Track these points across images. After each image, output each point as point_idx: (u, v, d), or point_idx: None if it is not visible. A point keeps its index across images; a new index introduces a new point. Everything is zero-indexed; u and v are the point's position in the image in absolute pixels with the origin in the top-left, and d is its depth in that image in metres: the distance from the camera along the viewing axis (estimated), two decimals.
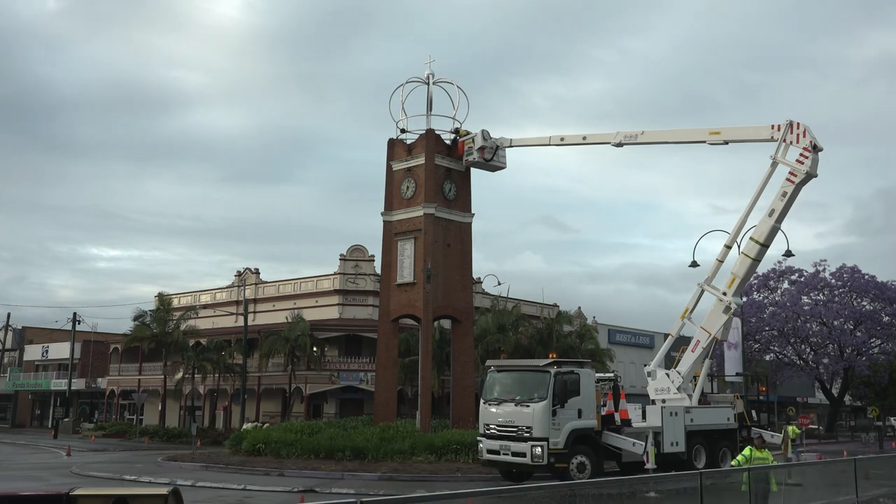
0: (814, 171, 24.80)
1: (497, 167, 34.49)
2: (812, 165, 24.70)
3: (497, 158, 33.97)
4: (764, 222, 25.87)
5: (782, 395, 67.85)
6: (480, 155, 33.49)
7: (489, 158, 33.62)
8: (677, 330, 28.45)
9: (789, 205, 25.42)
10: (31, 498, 6.73)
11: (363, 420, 36.08)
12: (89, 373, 68.78)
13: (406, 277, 33.57)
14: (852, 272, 57.17)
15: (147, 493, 6.66)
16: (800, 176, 24.87)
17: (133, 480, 24.59)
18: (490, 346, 46.18)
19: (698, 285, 27.75)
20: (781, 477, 15.50)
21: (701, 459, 25.59)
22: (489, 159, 33.64)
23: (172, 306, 56.02)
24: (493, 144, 33.66)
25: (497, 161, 34.03)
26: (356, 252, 55.53)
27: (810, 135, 24.84)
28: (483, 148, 33.43)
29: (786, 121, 25.62)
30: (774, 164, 25.84)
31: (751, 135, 27.05)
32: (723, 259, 27.40)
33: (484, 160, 33.64)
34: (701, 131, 28.45)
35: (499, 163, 34.17)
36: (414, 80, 35.70)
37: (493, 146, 33.63)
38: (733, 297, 26.54)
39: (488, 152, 33.51)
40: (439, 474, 24.67)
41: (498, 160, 34.04)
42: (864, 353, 57.53)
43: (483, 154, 33.47)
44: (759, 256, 26.31)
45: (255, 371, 51.98)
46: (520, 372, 24.44)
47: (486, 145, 33.47)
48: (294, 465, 27.25)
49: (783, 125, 25.59)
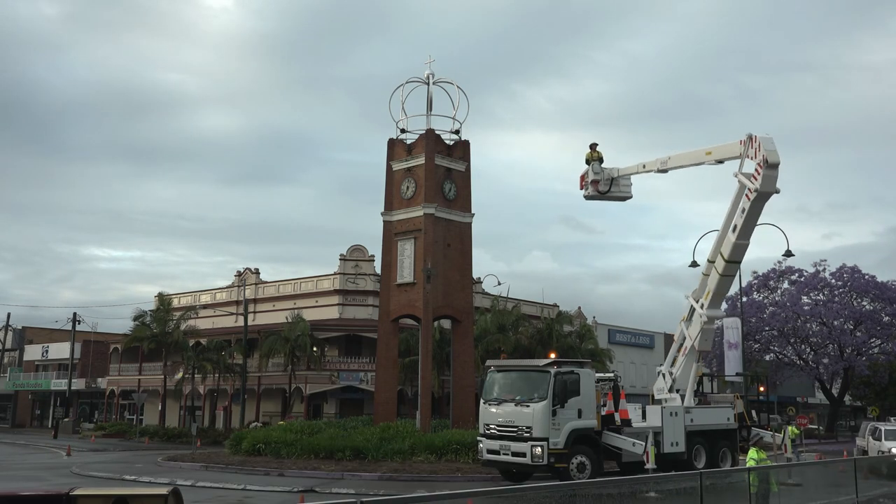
0: (766, 188, 23.45)
1: (621, 197, 31.45)
2: (764, 182, 23.30)
3: (617, 189, 30.96)
4: (727, 239, 25.21)
5: (782, 395, 67.82)
6: (594, 188, 30.83)
7: (605, 191, 30.88)
8: (678, 335, 28.50)
9: (751, 221, 24.43)
10: (31, 498, 6.73)
11: (363, 420, 36.09)
12: (89, 373, 68.77)
13: (406, 277, 33.56)
14: (852, 272, 57.14)
15: (147, 493, 6.66)
16: (752, 193, 23.78)
17: (133, 480, 24.59)
18: (490, 346, 46.17)
19: (685, 297, 27.82)
20: (782, 477, 15.53)
21: (701, 459, 25.57)
22: (605, 192, 30.91)
23: (172, 306, 56.05)
24: (608, 176, 30.71)
25: (619, 192, 31.05)
26: (356, 252, 55.53)
27: (765, 149, 23.38)
28: (596, 181, 30.79)
29: (746, 135, 24.43)
30: (738, 180, 24.91)
31: (727, 152, 26.09)
32: (708, 272, 26.89)
33: (599, 192, 30.99)
34: (700, 153, 27.72)
35: (622, 193, 31.18)
36: (414, 80, 35.70)
37: (607, 178, 30.70)
38: (708, 311, 26.34)
39: (603, 185, 30.76)
40: (439, 474, 24.67)
41: (619, 191, 31.04)
42: (864, 353, 57.49)
43: (598, 187, 30.82)
44: (727, 272, 25.69)
45: (255, 371, 51.97)
46: (520, 372, 24.41)
47: (598, 178, 30.72)
48: (294, 465, 27.25)
49: (745, 139, 24.44)
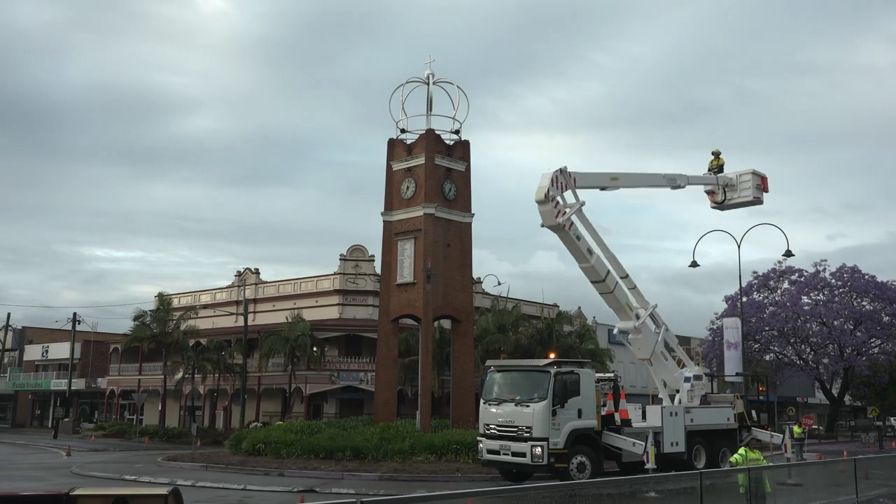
0: (543, 222, 23.44)
1: (746, 203, 29.77)
2: (541, 216, 23.36)
3: (734, 196, 29.45)
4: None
5: (782, 395, 67.76)
6: (713, 199, 29.79)
7: (721, 201, 29.61)
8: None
9: (570, 248, 24.44)
10: (31, 498, 6.72)
11: (363, 420, 36.05)
12: (89, 373, 68.75)
13: (406, 277, 33.54)
14: (852, 272, 57.12)
15: (147, 493, 6.65)
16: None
17: (133, 480, 24.58)
18: (490, 346, 46.15)
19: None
20: (782, 477, 15.51)
21: (701, 459, 25.60)
22: (721, 202, 29.63)
23: (172, 306, 56.04)
24: (721, 184, 29.44)
25: (738, 198, 29.47)
26: (356, 252, 55.50)
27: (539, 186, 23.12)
28: (711, 192, 29.76)
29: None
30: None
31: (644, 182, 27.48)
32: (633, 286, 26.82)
33: (717, 203, 29.77)
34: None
35: (742, 198, 29.48)
36: (414, 80, 35.66)
37: (720, 188, 29.50)
38: (619, 325, 26.51)
39: (719, 195, 29.56)
40: (439, 474, 24.65)
41: (739, 197, 29.44)
42: (864, 353, 57.45)
43: (714, 198, 29.71)
44: (602, 291, 25.66)
45: (255, 371, 51.95)
46: (520, 372, 24.41)
47: (712, 189, 29.68)
48: (294, 465, 27.23)
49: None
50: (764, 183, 29.86)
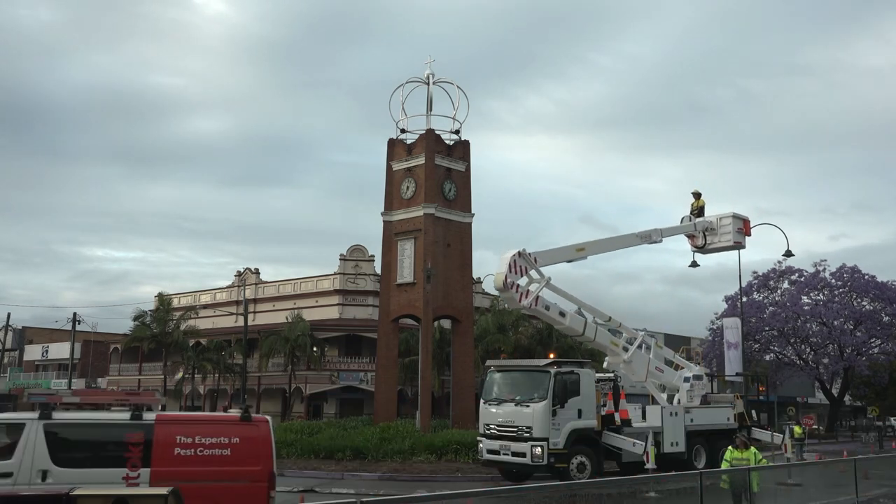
0: (510, 306, 23.54)
1: (727, 248, 29.33)
2: (508, 302, 23.98)
3: (715, 241, 28.97)
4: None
5: (782, 395, 67.71)
6: (693, 244, 29.32)
7: (702, 245, 29.12)
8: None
9: (543, 318, 25.06)
10: (31, 498, 6.73)
11: (363, 420, 36.03)
12: (89, 373, 68.75)
13: (406, 277, 33.54)
14: (852, 272, 57.06)
15: (147, 493, 6.67)
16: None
17: None
18: (490, 346, 46.16)
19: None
20: (782, 477, 15.50)
21: (701, 459, 25.60)
22: (702, 246, 29.13)
23: (172, 306, 56.04)
24: (701, 229, 28.89)
25: (719, 243, 28.98)
26: (356, 252, 55.53)
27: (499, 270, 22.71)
28: (692, 236, 29.26)
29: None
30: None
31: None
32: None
33: (697, 248, 29.34)
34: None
35: (723, 243, 29.00)
36: (414, 80, 35.66)
37: (699, 233, 28.96)
38: (608, 359, 26.76)
39: (699, 240, 29.10)
40: (439, 474, 24.62)
41: (720, 241, 28.95)
42: (864, 353, 57.39)
43: (695, 242, 29.23)
44: (582, 341, 26.68)
45: (255, 371, 51.97)
46: (520, 372, 24.42)
47: (693, 233, 29.17)
48: (294, 465, 27.17)
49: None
50: (746, 227, 29.34)
